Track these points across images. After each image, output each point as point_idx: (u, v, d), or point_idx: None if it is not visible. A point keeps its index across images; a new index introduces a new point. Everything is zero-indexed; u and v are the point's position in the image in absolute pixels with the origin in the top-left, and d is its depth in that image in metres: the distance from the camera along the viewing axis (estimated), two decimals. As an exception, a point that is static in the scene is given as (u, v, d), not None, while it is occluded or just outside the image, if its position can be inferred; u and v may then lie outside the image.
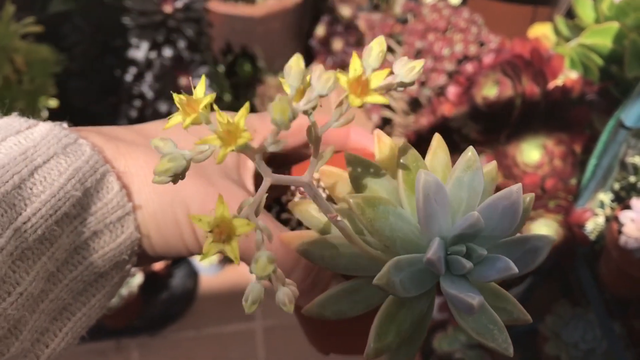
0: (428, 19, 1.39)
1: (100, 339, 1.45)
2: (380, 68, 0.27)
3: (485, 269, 0.31)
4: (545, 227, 1.06)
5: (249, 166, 0.40)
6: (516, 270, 0.28)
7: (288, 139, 0.41)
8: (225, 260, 1.45)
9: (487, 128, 1.08)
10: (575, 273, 1.15)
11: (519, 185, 0.30)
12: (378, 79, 0.26)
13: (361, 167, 0.36)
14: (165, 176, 0.24)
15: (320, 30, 1.73)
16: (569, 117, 1.06)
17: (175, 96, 0.25)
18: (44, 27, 1.26)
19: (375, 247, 0.34)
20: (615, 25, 1.09)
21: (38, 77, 1.24)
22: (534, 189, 1.04)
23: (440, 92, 1.28)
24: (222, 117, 0.24)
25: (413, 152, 0.34)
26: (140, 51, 1.29)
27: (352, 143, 0.44)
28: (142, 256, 0.36)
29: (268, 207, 0.43)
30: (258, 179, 0.44)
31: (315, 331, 0.46)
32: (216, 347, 1.43)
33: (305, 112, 0.26)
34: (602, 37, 1.11)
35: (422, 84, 1.37)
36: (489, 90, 1.06)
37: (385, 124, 1.47)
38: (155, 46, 1.29)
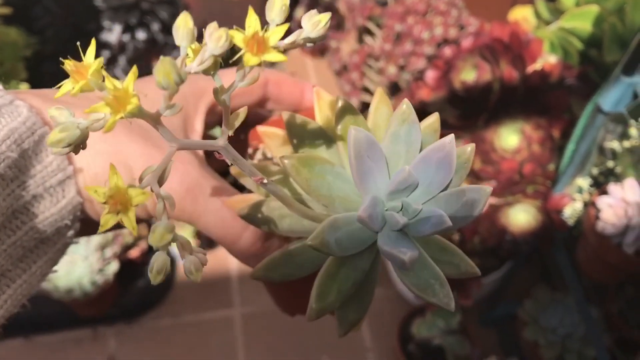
0: (408, 1, 1.37)
1: (76, 328, 1.43)
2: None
3: (421, 224, 0.30)
4: (523, 213, 1.05)
5: (197, 128, 0.39)
6: (450, 223, 0.28)
7: (235, 99, 0.40)
8: (203, 246, 1.43)
9: (465, 113, 1.06)
10: (553, 258, 1.15)
11: (452, 135, 0.29)
12: (277, 35, 0.25)
13: (300, 127, 0.35)
14: (59, 147, 0.23)
15: (299, 12, 1.70)
16: (547, 101, 1.04)
17: (66, 62, 0.23)
18: (13, 9, 1.22)
19: (316, 208, 0.34)
20: (594, 9, 1.08)
21: (7, 61, 1.21)
22: (512, 174, 1.03)
23: (420, 76, 1.27)
24: (109, 82, 0.22)
25: (352, 109, 0.33)
26: (113, 34, 1.26)
27: (307, 102, 0.43)
28: (87, 222, 0.35)
29: (225, 174, 0.42)
30: (207, 139, 0.43)
31: (280, 294, 0.46)
32: (194, 335, 1.42)
33: (206, 73, 0.24)
34: (582, 20, 1.10)
35: (402, 68, 1.36)
36: (467, 75, 1.05)
37: (365, 108, 1.46)
38: (129, 29, 1.26)
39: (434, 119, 0.33)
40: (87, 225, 0.36)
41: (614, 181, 0.99)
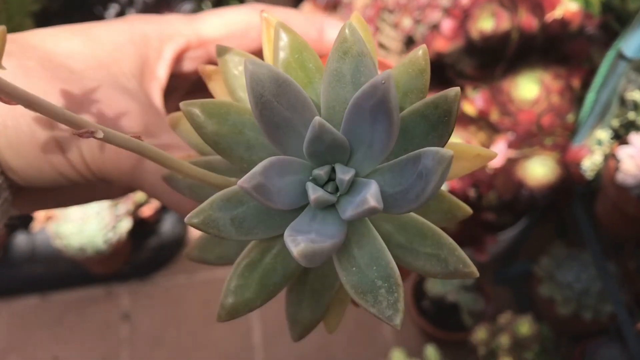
0: (422, -48, 1.33)
1: (90, 286, 1.44)
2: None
3: (349, 200, 0.23)
4: (540, 166, 1.03)
5: (159, 74, 0.35)
6: (373, 204, 0.20)
7: (232, 42, 0.36)
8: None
9: (482, 63, 1.04)
10: (571, 213, 1.13)
11: (388, 72, 0.20)
12: None
13: (235, 63, 0.28)
14: None
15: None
16: (567, 50, 1.01)
17: None
18: (20, -37, 1.20)
19: (232, 173, 0.27)
20: (617, -46, 1.04)
21: (15, 16, 1.19)
22: (530, 126, 1.01)
23: (436, 29, 1.24)
24: None
25: (295, 38, 0.25)
26: (121, -12, 1.23)
27: (327, 42, 0.37)
28: (18, 189, 0.32)
29: None
30: (170, 94, 0.38)
31: None
32: (207, 292, 1.42)
33: None
34: (603, -33, 1.06)
35: (417, 21, 1.32)
36: (485, 23, 1.02)
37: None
38: (137, -18, 1.23)
39: (419, 53, 0.24)
40: (22, 193, 0.32)
41: (635, 132, 0.96)
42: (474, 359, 1.16)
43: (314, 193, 0.22)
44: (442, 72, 1.06)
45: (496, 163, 1.04)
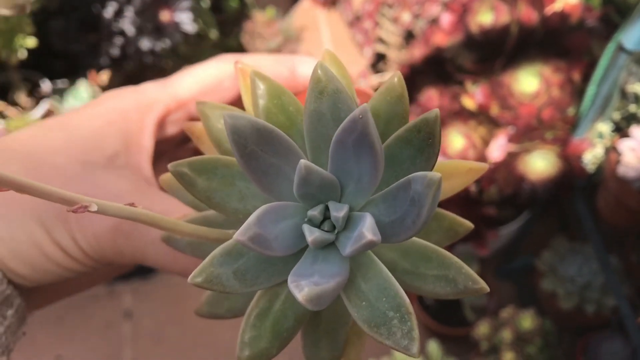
0: (421, -54, 1.33)
1: (92, 284, 1.44)
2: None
3: (348, 235, 0.23)
4: (541, 159, 1.03)
5: (144, 145, 0.35)
6: (370, 238, 0.20)
7: (209, 97, 0.37)
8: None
9: (482, 57, 1.03)
10: (572, 206, 1.13)
11: (364, 107, 0.21)
12: None
13: (217, 117, 0.28)
14: None
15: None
16: (567, 43, 1.01)
17: None
18: (18, -38, 1.20)
19: (229, 225, 0.27)
20: (617, -54, 1.03)
21: (13, 16, 1.19)
22: (530, 120, 1.01)
23: (435, 23, 1.23)
24: None
25: (271, 84, 0.25)
26: (120, -14, 1.23)
27: (302, 80, 0.37)
28: (29, 291, 0.32)
29: None
30: (159, 159, 0.38)
31: None
32: (210, 290, 1.42)
33: None
34: (603, -41, 1.06)
35: (417, 16, 1.32)
36: (484, 17, 1.01)
37: (379, 60, 1.43)
38: (136, -20, 1.23)
39: (395, 80, 0.25)
40: (31, 293, 0.33)
41: (637, 125, 0.96)
42: (476, 354, 1.16)
43: (311, 234, 0.22)
44: (441, 66, 1.06)
45: (497, 157, 1.04)
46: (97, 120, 0.34)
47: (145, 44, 1.21)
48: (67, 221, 0.30)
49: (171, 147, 0.40)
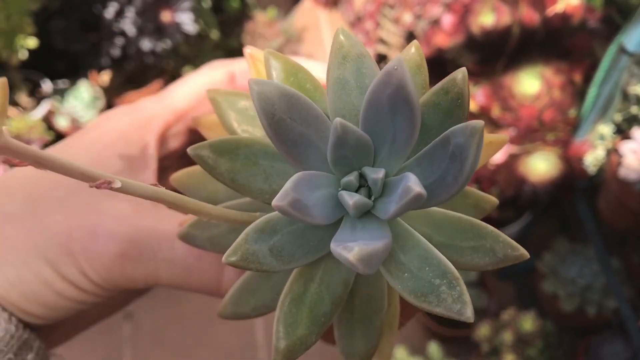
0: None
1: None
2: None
3: (385, 201, 0.22)
4: (543, 161, 1.03)
5: (148, 164, 0.34)
6: (418, 190, 0.19)
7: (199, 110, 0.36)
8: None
9: (483, 58, 1.03)
10: (573, 208, 1.12)
11: (399, 58, 0.19)
12: None
13: (230, 103, 0.27)
14: None
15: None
16: (568, 45, 1.01)
17: None
18: (19, -38, 1.20)
19: (255, 209, 0.26)
20: (619, -53, 1.03)
21: (14, 15, 1.19)
22: (532, 121, 1.00)
23: (436, 24, 1.23)
24: None
25: (287, 61, 0.24)
26: (121, -14, 1.23)
27: (239, 87, 0.37)
28: (48, 328, 0.32)
29: None
30: (164, 174, 0.37)
31: None
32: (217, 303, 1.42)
33: None
34: (605, -40, 1.06)
35: (418, 17, 1.32)
36: (486, 18, 1.01)
37: (380, 61, 1.43)
38: (137, -20, 1.23)
39: (412, 50, 0.24)
40: (48, 333, 0.32)
41: (638, 127, 0.96)
42: (477, 356, 1.16)
43: (351, 199, 0.21)
44: (442, 67, 1.06)
45: (498, 159, 1.04)
46: (96, 146, 0.33)
47: (146, 44, 1.20)
48: (73, 254, 0.29)
49: (175, 161, 0.39)
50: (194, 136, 0.37)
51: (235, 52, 1.50)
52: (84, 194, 0.31)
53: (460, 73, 0.22)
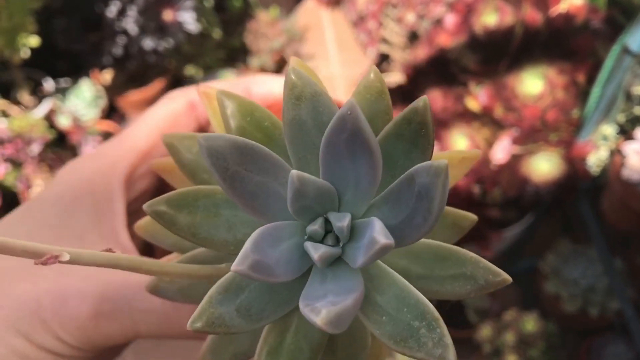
0: (426, -54, 1.32)
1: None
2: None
3: (354, 246, 0.21)
4: (545, 162, 1.02)
5: (116, 210, 0.33)
6: (384, 242, 0.18)
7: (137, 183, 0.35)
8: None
9: (486, 58, 1.03)
10: (576, 209, 1.12)
11: (351, 101, 0.19)
12: None
13: (186, 147, 0.26)
14: None
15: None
16: (571, 45, 1.00)
17: None
18: (21, -39, 1.20)
19: (223, 256, 0.25)
20: (623, -53, 1.03)
21: (16, 14, 1.19)
22: (535, 122, 1.00)
23: (439, 24, 1.23)
24: None
25: (241, 101, 0.23)
26: (123, -15, 1.23)
27: (257, 99, 0.35)
28: None
29: None
30: (134, 217, 0.35)
31: None
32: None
33: None
34: (609, -40, 1.05)
35: (421, 16, 1.31)
36: (489, 18, 1.01)
37: (382, 60, 1.42)
38: (139, -21, 1.23)
39: (371, 76, 0.23)
40: None
41: (641, 127, 0.95)
42: (478, 357, 1.15)
43: (316, 251, 0.20)
44: (445, 67, 1.06)
45: (501, 159, 1.03)
46: (63, 201, 0.32)
47: (148, 43, 1.20)
48: (45, 321, 0.28)
49: (145, 202, 0.39)
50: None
51: (238, 51, 1.49)
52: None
53: (422, 101, 0.21)
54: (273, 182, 0.21)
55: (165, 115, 0.36)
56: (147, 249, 0.35)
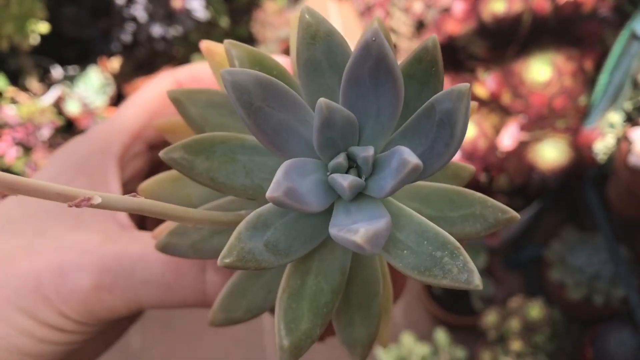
0: None
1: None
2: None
3: (377, 179, 0.21)
4: (552, 148, 1.03)
5: (111, 191, 0.32)
6: (415, 160, 0.18)
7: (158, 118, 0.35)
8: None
9: (494, 45, 1.03)
10: (582, 196, 1.12)
11: (375, 27, 0.19)
12: None
13: (192, 100, 0.26)
14: None
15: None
16: (579, 32, 1.01)
17: None
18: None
19: (234, 208, 0.25)
20: None
21: (26, 0, 1.19)
22: (542, 109, 1.01)
23: (446, 12, 1.23)
24: None
25: (249, 50, 0.23)
26: (132, -28, 1.23)
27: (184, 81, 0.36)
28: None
29: None
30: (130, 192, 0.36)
31: None
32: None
33: None
34: (617, -51, 1.05)
35: (429, 5, 1.32)
36: (497, 5, 1.01)
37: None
38: (148, -33, 1.23)
39: (376, 23, 0.22)
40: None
41: (648, 114, 0.96)
42: (483, 343, 1.16)
43: (345, 180, 0.20)
44: (453, 54, 1.06)
45: (508, 146, 1.04)
46: (58, 183, 0.32)
47: (156, 30, 1.21)
48: (47, 298, 0.28)
49: (141, 182, 0.39)
50: (155, 154, 0.36)
51: (245, 40, 1.50)
52: (48, 235, 0.30)
53: (431, 40, 0.21)
54: (294, 120, 0.20)
55: (154, 96, 0.36)
56: (141, 228, 0.35)
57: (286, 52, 1.48)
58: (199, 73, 0.36)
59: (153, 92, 0.36)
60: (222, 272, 0.29)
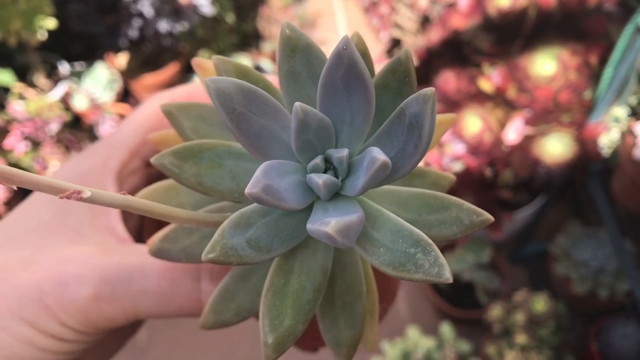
0: None
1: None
2: None
3: (352, 179, 0.22)
4: (557, 143, 1.03)
5: (110, 209, 0.33)
6: (383, 158, 0.20)
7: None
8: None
9: (499, 39, 1.03)
10: (587, 190, 1.13)
11: (345, 38, 0.20)
12: None
13: (185, 113, 0.27)
14: None
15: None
16: (584, 27, 1.01)
17: None
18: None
19: (226, 209, 0.26)
20: None
21: (34, -4, 1.20)
22: (547, 103, 1.01)
23: (452, 6, 1.23)
24: None
25: (236, 65, 0.25)
26: (138, -31, 1.24)
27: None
28: None
29: None
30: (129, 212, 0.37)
31: None
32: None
33: None
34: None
35: (434, 1, 1.32)
36: (502, 0, 1.01)
37: (394, 45, 1.43)
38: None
39: (355, 38, 0.24)
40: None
41: (653, 108, 0.96)
42: (489, 336, 1.17)
43: (320, 179, 0.21)
44: (458, 49, 1.06)
45: (513, 140, 1.04)
46: (56, 200, 0.33)
47: (163, 26, 1.22)
48: (48, 307, 0.29)
49: None
50: (152, 171, 0.37)
51: (250, 36, 1.51)
52: (48, 248, 0.31)
53: (404, 52, 0.22)
54: (275, 126, 0.22)
55: (151, 114, 0.37)
56: (138, 242, 0.36)
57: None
58: (194, 91, 0.37)
59: (150, 110, 0.37)
60: (215, 281, 0.30)
